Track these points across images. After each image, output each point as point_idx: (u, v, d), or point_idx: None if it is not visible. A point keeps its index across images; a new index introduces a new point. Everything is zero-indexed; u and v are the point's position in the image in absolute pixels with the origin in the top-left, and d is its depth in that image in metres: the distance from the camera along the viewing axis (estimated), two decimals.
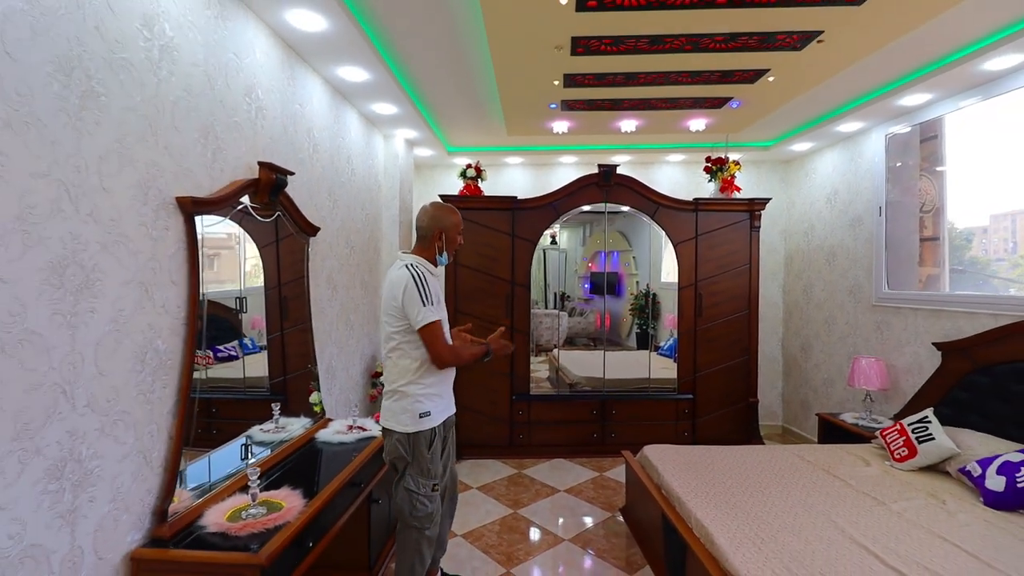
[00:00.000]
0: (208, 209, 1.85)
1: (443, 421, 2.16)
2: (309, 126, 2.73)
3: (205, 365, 2.15)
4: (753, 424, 4.29)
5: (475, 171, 4.18)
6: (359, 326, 3.52)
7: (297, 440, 2.49)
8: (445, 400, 2.18)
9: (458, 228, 2.21)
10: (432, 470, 2.09)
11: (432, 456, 2.09)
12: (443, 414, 2.16)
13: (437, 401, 2.12)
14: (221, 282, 2.22)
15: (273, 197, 2.24)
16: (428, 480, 2.08)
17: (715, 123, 3.83)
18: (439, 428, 2.13)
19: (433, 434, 2.09)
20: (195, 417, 1.83)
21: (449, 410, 2.22)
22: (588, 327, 5.07)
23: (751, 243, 4.27)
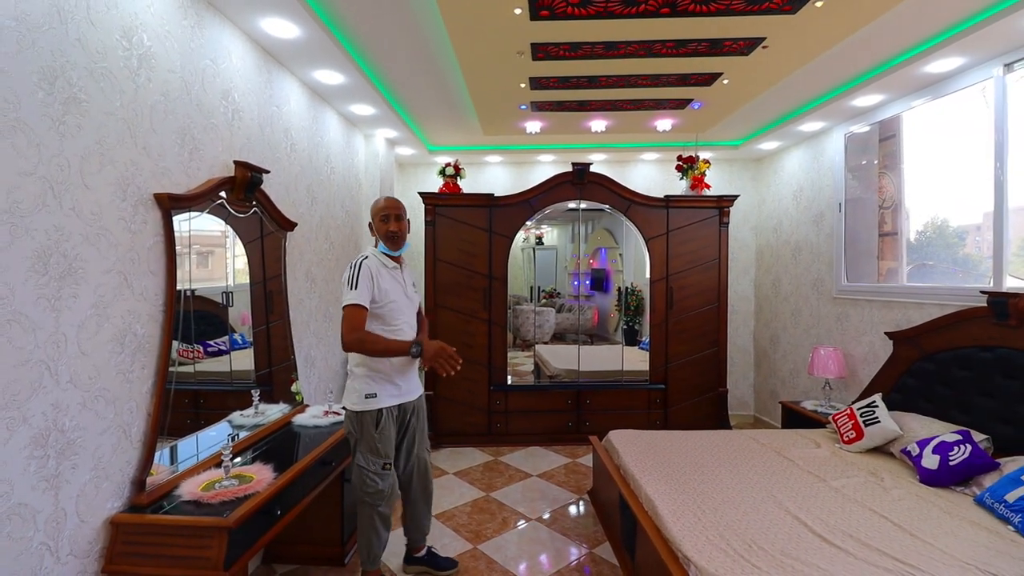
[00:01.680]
0: (185, 205, 2.00)
1: (397, 405, 2.27)
2: (286, 126, 2.88)
3: (194, 359, 2.27)
4: (723, 412, 4.45)
5: (454, 169, 4.34)
6: (338, 318, 3.67)
7: (274, 423, 2.64)
8: (399, 386, 2.26)
9: (379, 215, 2.27)
10: (381, 449, 2.21)
11: (381, 436, 2.20)
12: (394, 398, 2.25)
13: (386, 385, 2.22)
14: (212, 279, 2.37)
15: (249, 194, 2.39)
16: (377, 458, 2.21)
17: (681, 123, 3.99)
18: (391, 411, 2.25)
19: (380, 415, 2.20)
20: (171, 407, 1.98)
21: (407, 396, 2.31)
22: (576, 323, 5.20)
23: (720, 239, 4.43)
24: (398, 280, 2.27)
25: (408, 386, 2.32)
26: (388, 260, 2.27)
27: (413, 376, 2.36)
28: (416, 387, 2.38)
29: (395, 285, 2.25)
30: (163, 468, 1.94)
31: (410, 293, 2.34)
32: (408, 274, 2.38)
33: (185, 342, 2.10)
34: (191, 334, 2.13)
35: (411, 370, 2.33)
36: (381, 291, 2.17)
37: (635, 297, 4.80)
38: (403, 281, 2.31)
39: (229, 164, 2.32)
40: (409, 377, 2.32)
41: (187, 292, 2.10)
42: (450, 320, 4.31)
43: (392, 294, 2.21)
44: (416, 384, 2.38)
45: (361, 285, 2.10)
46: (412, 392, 2.35)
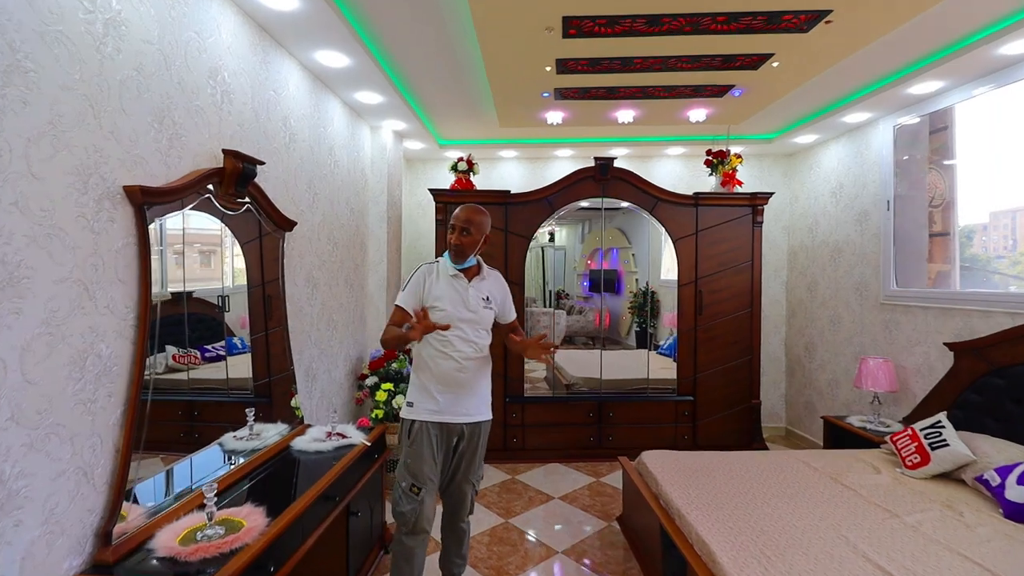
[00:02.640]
0: (162, 200, 1.70)
1: (436, 423, 2.02)
2: (285, 114, 2.57)
3: (190, 365, 2.10)
4: (755, 427, 4.13)
5: (467, 164, 4.02)
6: (344, 326, 3.36)
7: (271, 449, 2.34)
8: (437, 400, 2.03)
9: (450, 223, 2.11)
10: (410, 466, 2.00)
11: (411, 452, 2.01)
12: (431, 414, 2.03)
13: (423, 396, 2.04)
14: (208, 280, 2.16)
15: (240, 188, 2.08)
16: (405, 475, 2.01)
17: (716, 113, 3.66)
18: (427, 427, 2.02)
19: (412, 426, 2.03)
20: (149, 424, 1.67)
21: (448, 415, 2.04)
22: (587, 325, 4.92)
23: (753, 239, 4.11)
24: (458, 290, 2.07)
25: (451, 404, 2.04)
26: (453, 268, 2.09)
27: (463, 396, 2.05)
28: (466, 409, 2.07)
29: (452, 294, 2.06)
30: (138, 510, 1.64)
31: (475, 306, 2.08)
32: (486, 286, 2.14)
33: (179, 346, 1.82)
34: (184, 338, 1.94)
35: (457, 386, 2.04)
36: (430, 297, 2.05)
37: (649, 299, 4.50)
38: (466, 292, 2.08)
39: (217, 154, 2.01)
40: (454, 394, 2.04)
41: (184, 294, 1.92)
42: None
43: (443, 302, 2.04)
44: (467, 405, 2.07)
45: (408, 287, 2.08)
46: (457, 413, 2.05)
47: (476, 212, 2.09)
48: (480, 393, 2.10)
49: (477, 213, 2.09)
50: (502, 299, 2.20)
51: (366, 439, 2.50)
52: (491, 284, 2.16)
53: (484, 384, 2.13)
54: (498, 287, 2.20)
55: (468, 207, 2.11)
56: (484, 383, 2.13)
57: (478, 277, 2.12)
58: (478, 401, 2.10)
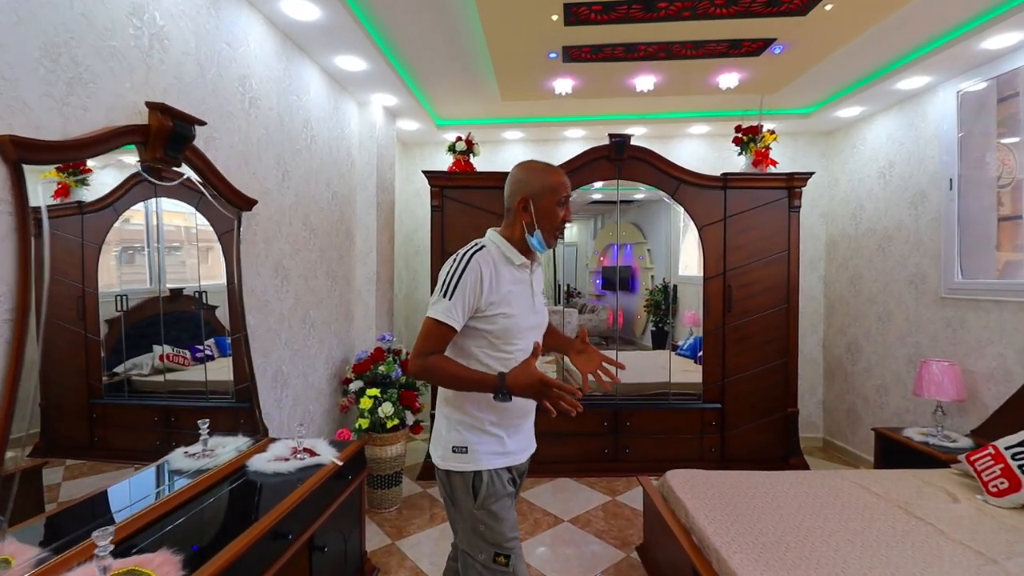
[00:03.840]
0: (50, 157, 1.32)
1: (505, 468, 1.49)
2: (243, 73, 2.19)
3: (180, 365, 2.02)
4: (793, 438, 3.66)
5: (466, 144, 3.62)
6: (324, 324, 2.97)
7: (222, 469, 1.95)
8: (502, 439, 1.47)
9: (558, 194, 1.46)
10: (485, 531, 1.43)
11: (486, 512, 1.44)
12: (498, 457, 1.47)
13: (480, 436, 1.45)
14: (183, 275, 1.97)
15: (173, 152, 1.70)
16: (483, 544, 1.44)
17: (751, 79, 3.19)
18: (497, 476, 1.46)
19: (477, 480, 1.44)
20: (94, 426, 1.30)
21: (516, 455, 1.52)
22: (600, 325, 4.51)
23: (789, 225, 3.64)
24: (525, 285, 1.50)
25: (519, 440, 1.53)
26: (516, 254, 1.47)
27: (526, 426, 1.56)
28: (529, 442, 1.58)
29: (520, 292, 1.48)
30: (27, 555, 1.26)
31: (540, 306, 1.57)
32: (538, 276, 1.59)
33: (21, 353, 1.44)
34: (39, 338, 1.53)
35: (523, 416, 1.53)
36: (496, 299, 1.42)
37: (669, 295, 4.06)
38: (533, 288, 1.54)
39: (142, 108, 1.63)
40: (520, 427, 1.53)
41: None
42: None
43: (513, 304, 1.44)
44: (529, 437, 1.58)
45: (459, 292, 1.37)
46: (523, 449, 1.55)
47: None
48: (531, 419, 1.60)
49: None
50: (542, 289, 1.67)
51: (337, 457, 2.10)
52: (540, 275, 1.62)
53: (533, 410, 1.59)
54: (543, 278, 1.67)
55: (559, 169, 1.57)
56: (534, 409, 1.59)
57: (534, 265, 1.54)
58: (532, 431, 1.62)
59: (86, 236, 1.70)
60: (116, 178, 1.70)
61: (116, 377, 1.82)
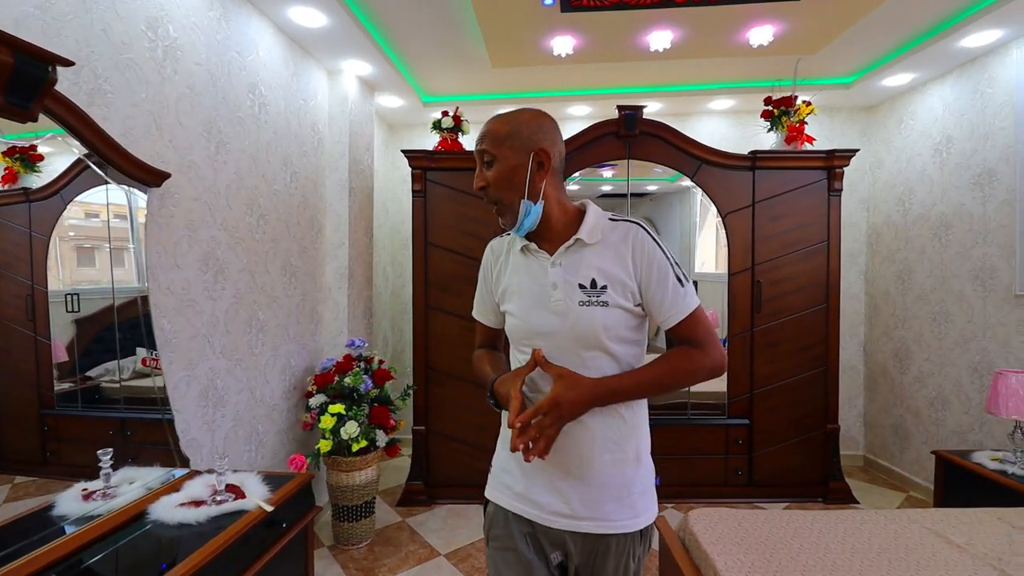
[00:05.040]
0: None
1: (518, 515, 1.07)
2: (154, 15, 1.74)
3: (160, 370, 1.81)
4: (833, 460, 3.14)
5: (452, 120, 3.15)
6: (278, 328, 2.52)
7: (114, 517, 1.51)
8: (514, 474, 1.08)
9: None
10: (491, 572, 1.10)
11: (492, 560, 1.10)
12: (508, 497, 1.08)
13: (505, 459, 1.12)
14: None
15: (20, 101, 1.24)
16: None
17: (787, 33, 2.66)
18: (505, 517, 1.08)
19: (486, 508, 1.14)
20: None
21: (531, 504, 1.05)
22: None
23: (829, 212, 3.13)
24: (535, 276, 1.05)
25: (538, 488, 1.04)
26: (520, 237, 1.09)
27: (561, 478, 1.02)
28: (578, 502, 1.02)
29: (524, 285, 1.07)
30: None
31: (563, 302, 1.02)
32: (591, 258, 1.02)
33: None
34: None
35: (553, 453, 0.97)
36: (500, 292, 1.13)
37: None
38: (544, 278, 1.04)
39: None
40: (543, 474, 1.03)
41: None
42: (445, 327, 3.11)
43: (514, 300, 1.08)
44: (580, 496, 1.02)
45: (478, 285, 1.22)
46: (551, 508, 1.03)
47: (503, 121, 1.03)
48: (599, 476, 1.01)
49: (505, 122, 1.03)
50: (639, 278, 1.01)
51: (265, 501, 1.64)
52: (608, 252, 1.02)
53: (613, 458, 1.02)
54: (631, 255, 1.01)
55: (493, 117, 1.06)
56: (611, 456, 1.02)
57: (571, 245, 1.03)
58: (596, 492, 1.02)
59: (35, 227, 1.50)
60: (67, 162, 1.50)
61: (88, 382, 1.68)
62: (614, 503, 1.02)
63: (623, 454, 1.03)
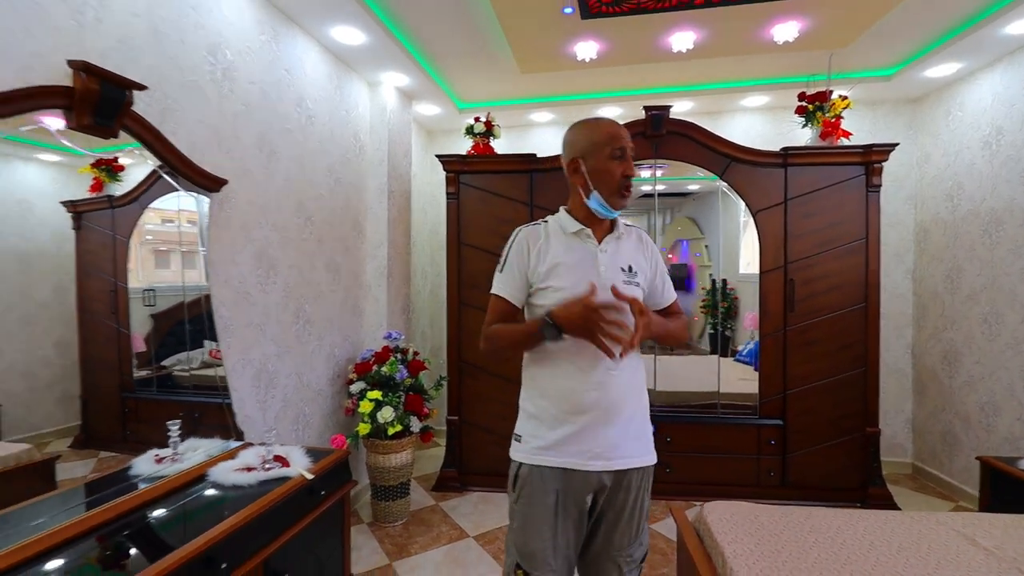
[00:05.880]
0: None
1: (554, 468, 1.26)
2: (214, 41, 1.99)
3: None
4: (873, 464, 3.05)
5: (484, 126, 3.31)
6: (324, 320, 2.75)
7: (180, 477, 1.75)
8: (562, 433, 1.26)
9: (611, 146, 1.27)
10: (517, 535, 1.30)
11: (521, 512, 1.30)
12: (547, 454, 1.27)
13: (536, 427, 1.30)
14: None
15: (104, 120, 1.49)
16: (512, 548, 1.32)
17: (814, 27, 2.65)
18: (542, 475, 1.27)
19: (520, 473, 1.31)
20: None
21: (572, 455, 1.26)
22: None
23: (868, 209, 3.05)
24: (585, 256, 1.30)
25: (582, 439, 1.26)
26: (571, 222, 1.33)
27: (602, 426, 1.26)
28: (608, 447, 1.26)
29: (575, 264, 1.30)
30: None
31: (611, 280, 1.28)
32: (626, 250, 1.36)
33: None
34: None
35: (592, 410, 1.25)
36: (539, 271, 1.31)
37: (723, 295, 3.54)
38: (596, 259, 1.30)
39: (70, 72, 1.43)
40: (587, 425, 1.26)
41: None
42: (477, 323, 3.25)
43: (564, 276, 1.29)
44: (609, 441, 1.26)
45: (508, 265, 1.35)
46: (592, 453, 1.26)
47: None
48: (627, 423, 1.29)
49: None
50: (652, 270, 1.40)
51: (307, 470, 1.84)
52: (633, 247, 1.38)
53: (633, 409, 1.31)
54: (644, 251, 1.40)
55: (616, 122, 1.34)
56: (633, 407, 1.31)
57: (612, 235, 1.34)
58: (623, 435, 1.28)
59: (117, 231, 1.72)
60: (143, 172, 1.74)
61: (163, 370, 1.91)
62: (636, 442, 1.31)
63: (640, 402, 1.34)
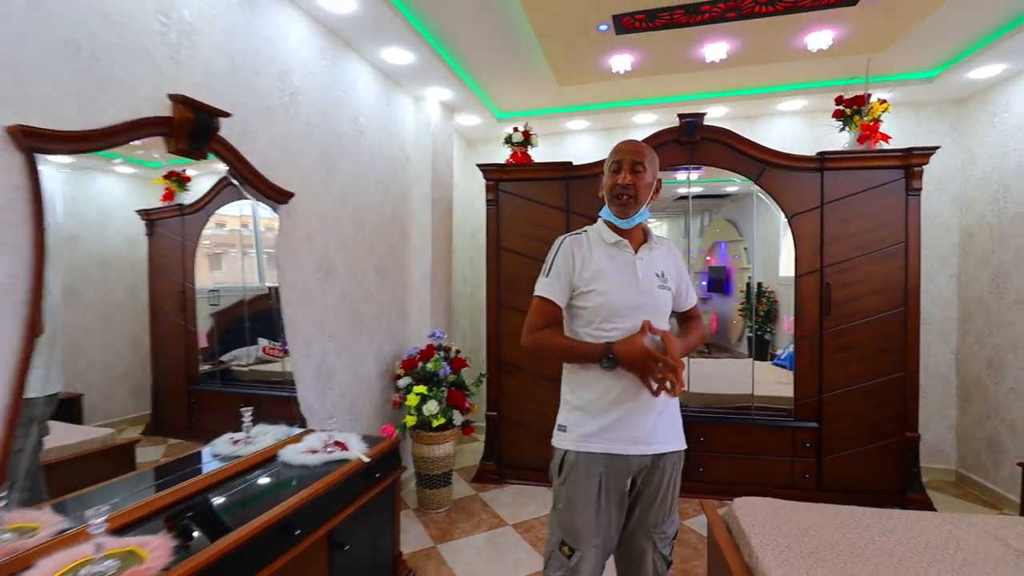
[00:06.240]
0: (65, 146, 1.37)
1: (602, 453, 1.42)
2: (283, 68, 2.22)
3: (277, 357, 2.25)
4: (912, 469, 3.03)
5: (523, 135, 3.47)
6: (374, 319, 2.97)
7: (253, 457, 1.97)
8: (601, 420, 1.43)
9: (608, 162, 1.50)
10: (562, 515, 1.46)
11: (566, 494, 1.45)
12: (594, 441, 1.43)
13: (580, 417, 1.47)
14: None
15: (197, 145, 1.73)
16: (556, 527, 1.47)
17: (848, 35, 2.68)
18: (585, 460, 1.43)
19: (563, 459, 1.47)
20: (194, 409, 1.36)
21: (621, 443, 1.42)
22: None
23: (907, 212, 3.04)
24: (622, 264, 1.47)
25: (621, 427, 1.43)
26: (609, 233, 1.50)
27: (639, 416, 1.43)
28: (645, 434, 1.43)
29: (616, 271, 1.47)
30: (55, 524, 1.32)
31: (648, 286, 1.47)
32: (658, 258, 1.53)
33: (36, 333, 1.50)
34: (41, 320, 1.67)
35: (630, 402, 1.43)
36: (583, 277, 1.47)
37: (765, 300, 3.56)
38: (633, 267, 1.47)
39: (170, 104, 1.68)
40: (626, 415, 1.43)
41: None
42: (517, 323, 3.43)
43: (607, 282, 1.45)
44: (645, 429, 1.43)
45: (554, 270, 1.50)
46: (633, 439, 1.43)
47: (644, 145, 1.49)
48: (661, 412, 1.46)
49: (646, 147, 1.49)
50: (678, 276, 1.57)
51: (365, 453, 2.04)
52: (663, 256, 1.55)
53: (666, 399, 1.45)
54: (672, 260, 1.58)
55: (632, 140, 1.52)
56: (666, 397, 1.45)
57: (646, 245, 1.51)
58: (659, 423, 1.45)
59: (186, 236, 1.90)
60: (210, 183, 1.91)
61: (221, 365, 2.09)
62: (669, 429, 1.48)
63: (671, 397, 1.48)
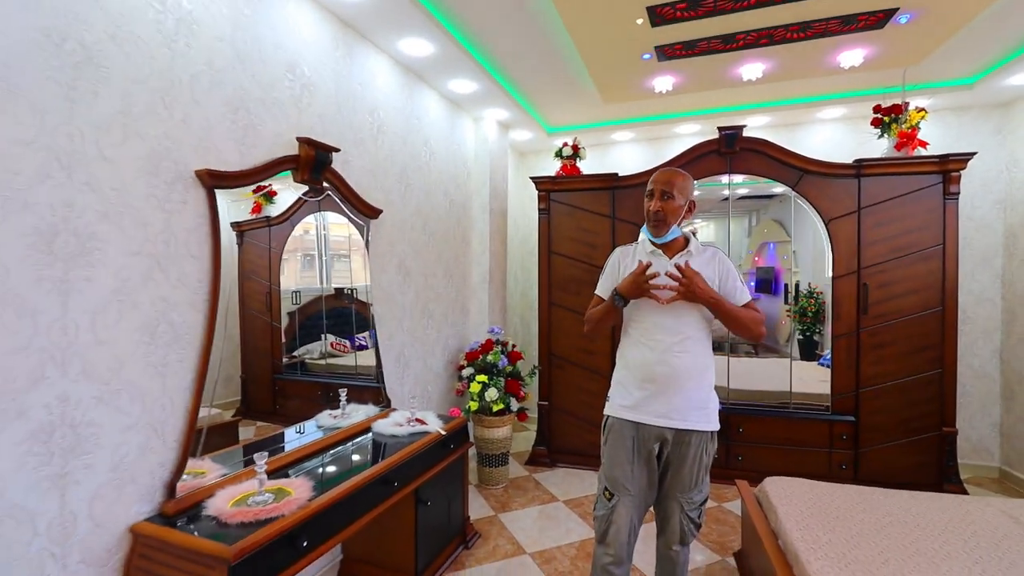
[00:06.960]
0: (231, 183, 1.82)
1: (631, 422, 1.77)
2: (372, 105, 2.66)
3: (343, 352, 2.60)
4: (949, 463, 3.15)
5: (571, 149, 3.80)
6: (442, 316, 3.39)
7: (352, 428, 2.41)
8: (633, 395, 1.78)
9: (647, 190, 1.83)
10: (605, 467, 1.84)
11: (607, 451, 1.84)
12: (625, 411, 1.79)
13: (619, 390, 1.85)
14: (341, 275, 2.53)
15: (315, 175, 2.18)
16: (602, 476, 1.85)
17: (878, 54, 2.86)
18: (621, 425, 1.80)
19: (606, 422, 1.87)
20: (280, 395, 1.81)
21: (645, 415, 1.75)
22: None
23: (945, 216, 3.15)
24: (660, 267, 1.77)
25: (648, 402, 1.75)
26: (649, 245, 1.84)
27: (663, 394, 1.74)
28: (668, 410, 1.73)
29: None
30: (216, 471, 1.78)
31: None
32: (698, 262, 1.79)
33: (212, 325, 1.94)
34: (221, 319, 2.08)
35: (656, 382, 1.74)
36: (623, 280, 1.81)
37: (813, 301, 3.71)
38: (669, 268, 1.75)
39: (295, 143, 2.13)
40: (653, 392, 1.75)
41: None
42: (564, 320, 3.76)
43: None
44: (669, 406, 1.73)
45: (604, 274, 1.96)
46: (656, 413, 1.74)
47: (676, 174, 1.79)
48: (688, 394, 1.73)
49: (677, 175, 1.79)
50: (720, 281, 1.80)
51: (442, 428, 2.44)
52: (704, 261, 1.80)
53: (696, 384, 1.74)
54: (713, 267, 1.81)
55: (666, 169, 1.87)
56: (695, 383, 1.74)
57: (682, 254, 1.80)
58: (686, 404, 1.73)
59: (272, 243, 2.25)
60: (293, 197, 2.26)
61: (294, 359, 2.40)
62: (697, 411, 1.74)
63: (702, 380, 1.77)
